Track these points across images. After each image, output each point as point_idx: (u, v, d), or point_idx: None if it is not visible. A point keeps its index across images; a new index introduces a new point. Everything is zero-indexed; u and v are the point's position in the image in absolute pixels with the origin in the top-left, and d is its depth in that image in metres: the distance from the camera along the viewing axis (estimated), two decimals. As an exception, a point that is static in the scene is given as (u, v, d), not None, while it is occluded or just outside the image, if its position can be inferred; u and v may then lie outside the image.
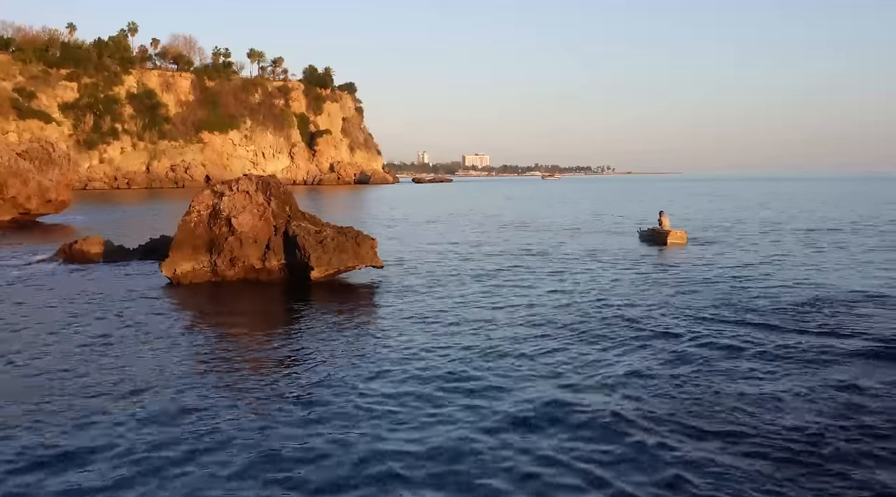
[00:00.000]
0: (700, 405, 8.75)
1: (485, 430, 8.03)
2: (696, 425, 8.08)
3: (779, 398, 8.93)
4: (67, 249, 23.06)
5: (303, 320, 14.03)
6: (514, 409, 8.66)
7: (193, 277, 17.79)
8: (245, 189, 18.32)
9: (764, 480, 6.72)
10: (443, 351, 11.47)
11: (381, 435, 7.91)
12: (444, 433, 7.94)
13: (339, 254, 17.27)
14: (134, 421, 8.31)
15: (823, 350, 11.13)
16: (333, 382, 9.80)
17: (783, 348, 11.30)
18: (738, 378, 9.81)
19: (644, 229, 30.38)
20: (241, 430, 8.02)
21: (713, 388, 9.37)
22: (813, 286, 17.02)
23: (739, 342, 11.75)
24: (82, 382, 9.80)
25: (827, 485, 6.64)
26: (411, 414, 8.56)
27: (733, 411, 8.51)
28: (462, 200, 74.49)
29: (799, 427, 7.97)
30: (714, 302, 15.23)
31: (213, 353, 11.48)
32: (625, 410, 8.56)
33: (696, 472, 6.90)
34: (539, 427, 8.11)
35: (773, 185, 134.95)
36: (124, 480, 6.80)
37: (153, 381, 9.83)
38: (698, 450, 7.41)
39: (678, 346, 11.62)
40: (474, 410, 8.67)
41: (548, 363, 10.74)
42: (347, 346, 11.94)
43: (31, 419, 8.40)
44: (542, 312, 14.51)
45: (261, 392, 9.41)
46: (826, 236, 30.26)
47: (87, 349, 11.63)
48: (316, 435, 7.92)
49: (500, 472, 6.97)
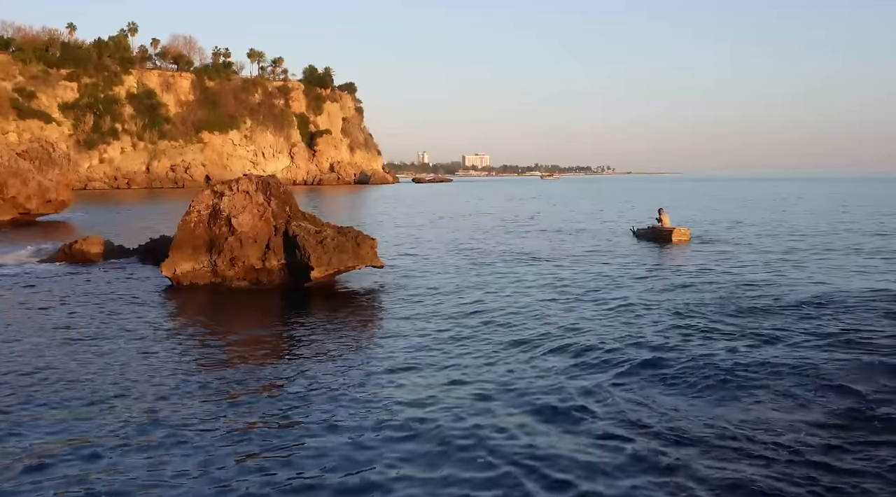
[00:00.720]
0: (699, 409, 8.74)
1: (489, 428, 8.02)
2: (688, 429, 8.07)
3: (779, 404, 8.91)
4: (67, 249, 23.04)
5: (303, 321, 14.00)
6: (516, 411, 8.64)
7: (193, 277, 17.77)
8: (245, 189, 18.30)
9: (754, 485, 6.70)
10: (442, 351, 11.45)
11: (381, 438, 7.89)
12: (445, 435, 7.92)
13: (339, 254, 17.25)
14: (131, 421, 8.29)
15: (829, 355, 11.11)
16: (333, 383, 9.78)
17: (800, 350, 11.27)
18: (748, 388, 9.78)
19: (643, 228, 30.02)
20: (239, 431, 8.00)
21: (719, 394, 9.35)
22: (819, 286, 16.98)
23: (752, 344, 11.73)
24: (81, 382, 9.77)
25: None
26: (412, 417, 8.54)
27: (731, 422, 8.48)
28: (461, 202, 74.36)
29: (801, 429, 7.95)
30: (722, 302, 15.18)
31: (212, 353, 11.46)
32: (635, 419, 8.54)
33: (688, 477, 6.89)
34: (546, 431, 8.09)
35: (774, 186, 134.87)
36: (115, 482, 6.78)
37: (150, 382, 9.81)
38: (691, 455, 7.40)
39: (683, 352, 11.58)
40: (474, 411, 8.65)
41: (553, 366, 10.72)
42: (347, 346, 11.91)
43: (18, 419, 8.38)
44: (543, 313, 14.48)
45: (260, 393, 9.39)
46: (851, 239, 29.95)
47: (87, 349, 11.60)
48: (315, 437, 7.90)
49: (505, 474, 6.95)
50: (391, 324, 13.64)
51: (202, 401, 9.02)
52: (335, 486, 6.69)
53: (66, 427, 8.14)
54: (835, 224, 36.91)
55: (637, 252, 25.05)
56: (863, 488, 6.57)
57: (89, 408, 8.77)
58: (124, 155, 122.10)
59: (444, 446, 7.57)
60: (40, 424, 8.23)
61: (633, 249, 25.87)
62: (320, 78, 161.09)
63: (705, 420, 8.23)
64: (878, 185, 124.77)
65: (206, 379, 9.97)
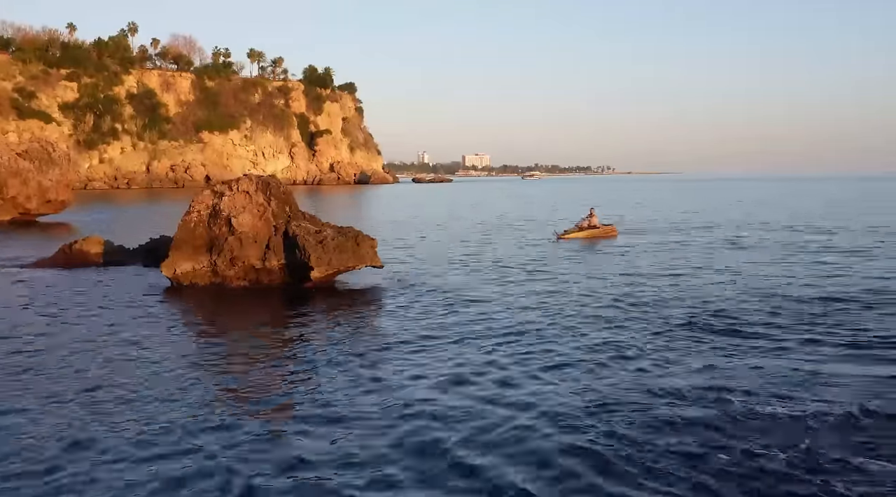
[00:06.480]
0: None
1: (492, 425, 8.02)
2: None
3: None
4: (67, 249, 23.03)
5: (303, 321, 14.00)
6: (517, 411, 8.64)
7: (193, 277, 17.77)
8: (245, 189, 18.29)
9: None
10: (443, 351, 11.45)
11: (381, 438, 7.88)
12: (442, 437, 7.92)
13: (339, 253, 17.24)
14: (130, 421, 8.28)
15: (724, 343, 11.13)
16: (333, 383, 9.78)
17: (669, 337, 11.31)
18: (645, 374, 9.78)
19: (565, 229, 31.33)
20: (238, 431, 8.00)
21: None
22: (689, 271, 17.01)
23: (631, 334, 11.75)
24: (79, 383, 9.77)
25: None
26: (413, 417, 8.54)
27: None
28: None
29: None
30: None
31: (212, 353, 11.45)
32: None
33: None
34: (551, 433, 8.10)
35: (765, 186, 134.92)
36: (115, 482, 6.78)
37: (149, 383, 9.80)
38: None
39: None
40: (475, 411, 8.65)
41: (556, 366, 10.72)
42: (347, 346, 11.90)
43: (17, 420, 8.38)
44: (545, 315, 14.48)
45: (260, 393, 9.39)
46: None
47: (86, 349, 11.59)
48: (315, 437, 7.90)
49: (506, 477, 6.95)
50: (391, 323, 13.63)
51: (201, 401, 9.01)
52: (335, 487, 6.69)
53: (55, 428, 8.13)
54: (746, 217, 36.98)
55: (558, 252, 25.10)
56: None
57: (80, 409, 8.75)
58: (124, 155, 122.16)
59: (444, 446, 7.57)
60: (30, 426, 8.22)
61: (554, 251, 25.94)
62: (320, 78, 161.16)
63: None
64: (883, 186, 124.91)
65: (206, 379, 9.96)
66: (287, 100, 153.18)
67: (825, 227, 35.21)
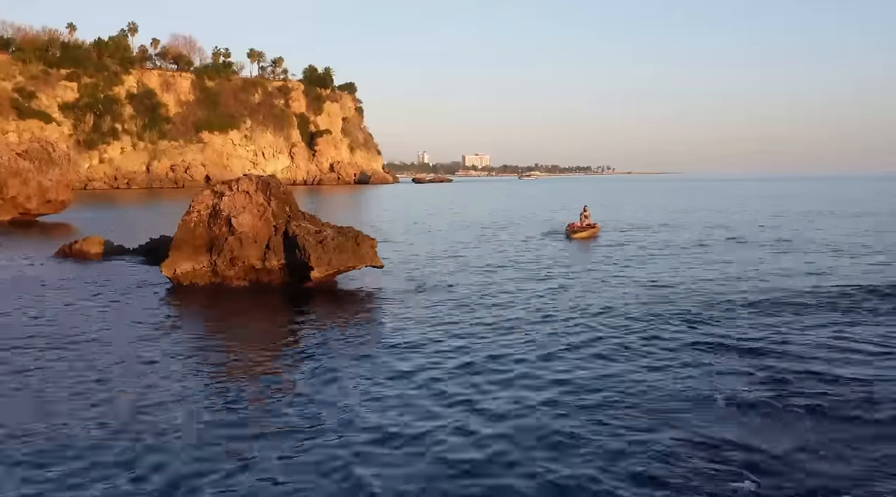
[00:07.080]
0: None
1: (489, 428, 8.02)
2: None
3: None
4: (67, 249, 23.06)
5: (303, 321, 14.01)
6: (518, 412, 8.65)
7: (193, 277, 17.77)
8: (245, 189, 18.29)
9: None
10: (443, 350, 11.46)
11: (381, 439, 7.89)
12: (441, 439, 7.92)
13: (339, 254, 17.24)
14: (129, 421, 8.29)
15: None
16: (333, 383, 9.78)
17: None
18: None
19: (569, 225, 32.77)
20: (238, 431, 8.00)
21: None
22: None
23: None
24: (76, 383, 9.78)
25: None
26: (410, 423, 8.54)
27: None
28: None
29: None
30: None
31: (212, 353, 11.45)
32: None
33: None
34: (547, 438, 8.10)
35: (761, 186, 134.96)
36: (114, 482, 6.79)
37: (148, 383, 9.81)
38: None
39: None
40: (474, 412, 8.65)
41: (560, 365, 10.73)
42: (348, 346, 11.91)
43: (15, 419, 8.38)
44: (546, 314, 14.49)
45: (260, 393, 9.39)
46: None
47: (86, 349, 11.60)
48: (315, 437, 7.90)
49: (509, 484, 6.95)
50: (391, 323, 13.64)
51: (201, 401, 9.01)
52: (335, 486, 6.70)
53: (52, 430, 8.14)
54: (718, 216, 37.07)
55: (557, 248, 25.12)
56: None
57: (79, 409, 8.76)
58: (124, 155, 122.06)
59: (444, 446, 7.58)
60: (27, 427, 8.23)
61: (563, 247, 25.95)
62: (320, 78, 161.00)
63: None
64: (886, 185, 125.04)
65: (206, 379, 9.97)
66: (287, 100, 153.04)
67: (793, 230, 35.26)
